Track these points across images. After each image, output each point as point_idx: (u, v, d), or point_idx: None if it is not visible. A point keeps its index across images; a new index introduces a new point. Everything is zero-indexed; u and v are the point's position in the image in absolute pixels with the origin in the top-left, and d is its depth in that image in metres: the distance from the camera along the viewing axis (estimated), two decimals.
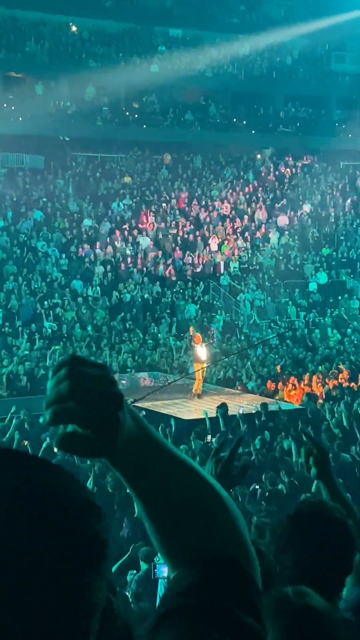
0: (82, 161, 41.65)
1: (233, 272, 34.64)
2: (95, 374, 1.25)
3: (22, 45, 42.89)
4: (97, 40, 44.83)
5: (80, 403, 1.21)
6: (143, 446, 1.29)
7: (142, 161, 42.41)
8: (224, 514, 1.32)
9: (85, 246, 33.83)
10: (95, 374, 1.25)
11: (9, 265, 31.29)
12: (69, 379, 1.23)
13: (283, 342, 29.31)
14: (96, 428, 1.21)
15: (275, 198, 41.20)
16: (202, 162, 43.26)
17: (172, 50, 45.11)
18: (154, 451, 1.31)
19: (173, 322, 30.40)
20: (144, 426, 1.31)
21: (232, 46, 45.93)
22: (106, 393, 1.24)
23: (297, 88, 46.82)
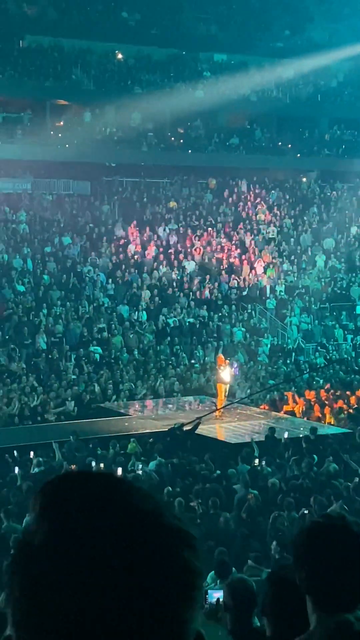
0: (127, 186, 41.97)
1: (279, 296, 34.57)
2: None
3: (69, 73, 43.46)
4: (143, 67, 45.25)
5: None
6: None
7: (188, 186, 42.60)
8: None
9: (131, 271, 34.01)
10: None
11: (56, 291, 31.56)
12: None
13: (330, 366, 29.13)
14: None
15: (321, 221, 41.11)
16: (247, 186, 43.33)
17: (216, 75, 45.38)
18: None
19: (219, 345, 30.38)
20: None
21: (277, 70, 46.08)
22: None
23: (342, 111, 46.78)
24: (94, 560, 1.01)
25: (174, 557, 1.05)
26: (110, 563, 1.01)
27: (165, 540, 1.05)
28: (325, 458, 18.02)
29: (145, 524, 1.05)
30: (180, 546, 1.06)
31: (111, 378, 26.36)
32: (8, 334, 28.99)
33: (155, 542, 1.04)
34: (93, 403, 24.59)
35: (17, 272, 32.23)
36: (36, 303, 30.55)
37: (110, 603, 0.99)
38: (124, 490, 1.08)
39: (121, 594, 1.00)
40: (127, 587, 1.01)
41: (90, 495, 1.06)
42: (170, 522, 1.08)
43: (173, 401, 25.60)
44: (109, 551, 1.01)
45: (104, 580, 1.01)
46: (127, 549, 1.02)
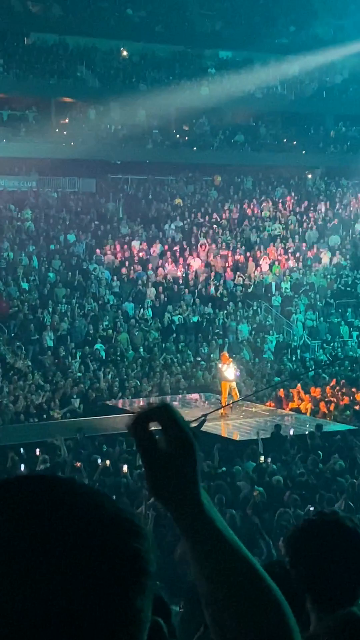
0: (133, 184, 41.99)
1: (284, 293, 34.55)
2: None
3: (74, 71, 43.47)
4: (148, 64, 45.24)
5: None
6: (220, 530, 1.35)
7: (193, 183, 42.60)
8: (280, 623, 1.32)
9: (136, 268, 34.03)
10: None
11: (62, 288, 31.58)
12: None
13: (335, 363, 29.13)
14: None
15: (327, 218, 41.07)
16: (252, 183, 43.30)
17: (222, 72, 45.33)
18: (229, 541, 1.35)
19: (225, 343, 30.39)
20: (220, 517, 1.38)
21: (282, 67, 46.02)
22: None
23: (347, 107, 46.69)
24: (36, 561, 1.01)
25: (120, 546, 1.05)
26: (53, 561, 1.01)
27: (111, 530, 1.06)
28: (330, 455, 18.02)
29: (88, 518, 1.05)
30: (127, 535, 1.07)
31: (117, 375, 26.39)
32: (14, 332, 29.04)
33: (100, 533, 1.05)
34: (99, 400, 24.61)
35: (22, 270, 32.26)
36: (42, 300, 30.58)
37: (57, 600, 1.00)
38: (64, 488, 1.08)
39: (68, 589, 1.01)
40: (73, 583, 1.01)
41: (29, 496, 1.06)
42: (115, 513, 1.08)
43: (178, 398, 25.61)
44: (52, 549, 1.02)
45: (48, 578, 1.01)
46: (71, 544, 1.03)
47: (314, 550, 2.77)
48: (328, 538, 2.78)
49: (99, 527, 1.05)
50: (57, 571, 1.01)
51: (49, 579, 1.01)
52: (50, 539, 1.02)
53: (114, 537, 1.06)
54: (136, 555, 1.07)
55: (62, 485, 1.09)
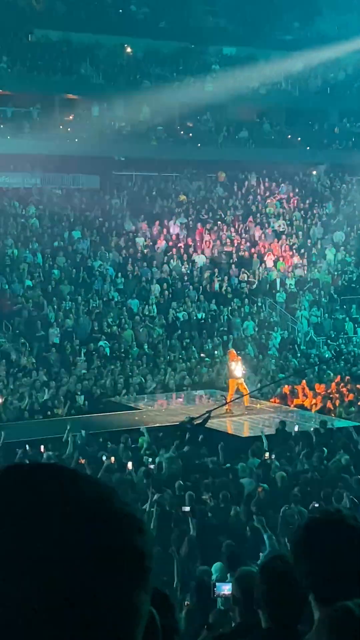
0: (137, 181, 41.96)
1: (289, 289, 34.52)
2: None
3: (77, 68, 43.44)
4: (152, 61, 45.20)
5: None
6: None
7: (197, 180, 42.57)
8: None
9: (141, 265, 34.02)
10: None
11: (66, 285, 31.59)
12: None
13: (340, 359, 29.12)
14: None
15: (331, 214, 41.03)
16: (257, 179, 43.26)
17: (226, 68, 45.27)
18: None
19: (229, 339, 30.38)
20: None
21: (286, 63, 45.94)
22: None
23: (352, 103, 46.63)
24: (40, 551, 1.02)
25: (123, 542, 1.06)
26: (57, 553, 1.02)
27: (114, 526, 1.06)
28: (335, 451, 18.00)
29: (92, 512, 1.05)
30: (129, 531, 1.07)
31: (121, 372, 26.39)
32: (18, 329, 29.06)
33: (104, 528, 1.05)
34: (103, 397, 24.62)
35: (26, 267, 32.26)
36: (46, 297, 30.58)
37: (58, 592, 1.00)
38: (69, 479, 1.08)
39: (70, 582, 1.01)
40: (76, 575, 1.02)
41: (35, 486, 1.06)
42: (118, 508, 1.08)
43: (183, 395, 25.61)
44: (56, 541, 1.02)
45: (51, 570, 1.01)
46: (74, 537, 1.03)
47: (318, 547, 2.77)
48: (332, 536, 2.78)
49: (101, 520, 1.06)
50: (57, 562, 1.01)
51: (48, 570, 1.01)
52: (51, 529, 1.03)
53: (116, 531, 1.06)
54: (137, 551, 1.07)
55: (67, 475, 1.09)
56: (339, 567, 2.73)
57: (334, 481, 15.62)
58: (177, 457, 17.66)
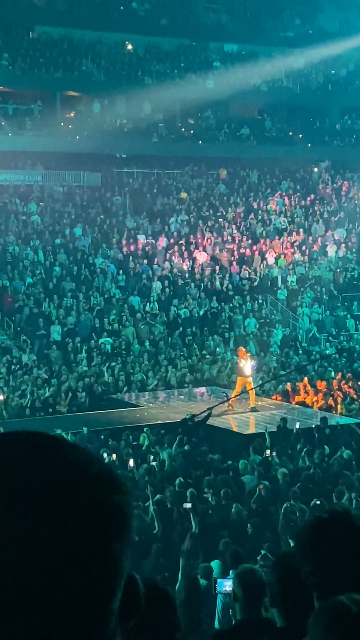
0: (138, 178, 41.95)
1: (290, 286, 34.51)
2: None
3: (79, 65, 43.42)
4: (153, 58, 45.17)
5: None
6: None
7: (198, 177, 42.55)
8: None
9: (142, 262, 34.01)
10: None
11: (68, 282, 31.58)
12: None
13: (341, 356, 29.11)
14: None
15: (333, 211, 41.00)
16: (258, 176, 43.25)
17: (227, 65, 45.26)
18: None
19: (231, 336, 30.37)
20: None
21: (287, 60, 45.94)
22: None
23: (353, 100, 46.59)
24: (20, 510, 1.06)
25: (104, 501, 1.10)
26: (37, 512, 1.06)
27: (95, 486, 1.10)
28: (337, 448, 18.00)
29: (74, 473, 1.10)
30: (110, 491, 1.11)
31: (122, 369, 26.38)
32: (19, 326, 29.06)
33: (85, 489, 1.09)
34: (104, 394, 24.61)
35: (28, 264, 32.26)
36: (47, 295, 30.57)
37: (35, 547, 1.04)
38: (51, 443, 1.13)
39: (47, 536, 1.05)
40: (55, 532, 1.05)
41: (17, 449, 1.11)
42: (100, 469, 1.13)
43: (184, 392, 25.61)
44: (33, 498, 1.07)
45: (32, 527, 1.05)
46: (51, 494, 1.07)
47: (323, 547, 2.76)
48: (338, 536, 2.77)
49: (81, 479, 1.10)
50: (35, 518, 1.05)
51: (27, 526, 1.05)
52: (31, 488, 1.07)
53: (96, 489, 1.10)
54: (117, 508, 1.11)
55: (48, 439, 1.13)
56: (343, 567, 2.72)
57: (335, 478, 15.62)
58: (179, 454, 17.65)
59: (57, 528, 1.05)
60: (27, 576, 1.04)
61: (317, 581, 2.73)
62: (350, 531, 2.77)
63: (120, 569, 1.11)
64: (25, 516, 1.05)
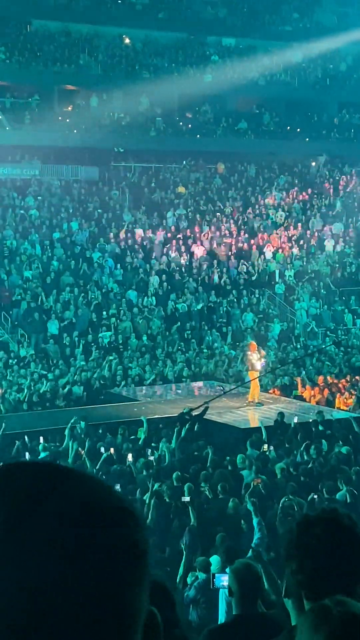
0: (136, 172, 41.89)
1: (288, 280, 34.50)
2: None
3: (76, 58, 43.34)
4: (150, 52, 45.09)
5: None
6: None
7: (196, 171, 42.49)
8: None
9: (140, 256, 33.99)
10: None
11: (65, 276, 31.55)
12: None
13: (339, 350, 29.12)
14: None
15: (330, 205, 40.99)
16: (256, 170, 43.21)
17: (225, 59, 45.20)
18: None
19: (228, 331, 30.37)
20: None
21: (285, 54, 45.88)
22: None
23: (351, 95, 46.57)
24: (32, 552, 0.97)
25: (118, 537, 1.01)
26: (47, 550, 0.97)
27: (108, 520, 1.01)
28: (334, 443, 18.00)
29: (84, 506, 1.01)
30: (125, 525, 1.03)
31: (120, 364, 26.37)
32: (17, 320, 29.04)
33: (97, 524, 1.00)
34: (102, 389, 24.60)
35: (25, 258, 32.23)
36: (45, 289, 30.55)
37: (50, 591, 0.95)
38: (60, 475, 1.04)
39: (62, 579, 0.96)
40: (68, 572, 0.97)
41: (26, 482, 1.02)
42: (111, 502, 1.04)
43: (182, 386, 25.60)
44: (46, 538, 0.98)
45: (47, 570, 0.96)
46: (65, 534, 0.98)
47: (307, 546, 2.75)
48: (322, 535, 2.76)
49: (95, 515, 1.01)
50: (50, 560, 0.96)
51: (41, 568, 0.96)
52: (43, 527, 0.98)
53: (112, 526, 1.01)
54: (134, 545, 1.03)
55: (59, 472, 1.05)
56: (329, 566, 2.71)
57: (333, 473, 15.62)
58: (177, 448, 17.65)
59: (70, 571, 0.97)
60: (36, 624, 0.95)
61: (302, 579, 2.73)
62: (336, 530, 2.75)
63: (139, 608, 1.02)
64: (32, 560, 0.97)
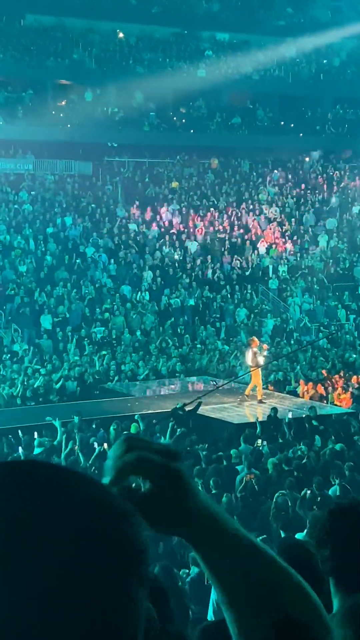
0: (129, 167, 41.85)
1: (282, 276, 34.52)
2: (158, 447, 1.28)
3: (70, 53, 43.25)
4: (144, 46, 45.01)
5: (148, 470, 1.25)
6: (220, 525, 1.30)
7: (190, 166, 42.46)
8: (305, 603, 1.29)
9: (133, 251, 33.97)
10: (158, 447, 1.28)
11: (59, 271, 31.53)
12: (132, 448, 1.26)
13: (333, 345, 29.16)
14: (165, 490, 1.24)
15: (324, 200, 41.00)
16: (249, 165, 43.19)
17: (219, 54, 45.14)
18: (233, 534, 1.31)
19: (222, 326, 30.38)
20: (219, 509, 1.33)
21: (279, 49, 45.84)
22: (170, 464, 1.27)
23: (345, 90, 46.54)
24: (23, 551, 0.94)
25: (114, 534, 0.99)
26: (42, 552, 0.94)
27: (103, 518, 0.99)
28: (327, 438, 18.04)
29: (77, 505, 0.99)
30: (121, 522, 1.00)
31: (113, 359, 26.37)
32: (10, 315, 29.01)
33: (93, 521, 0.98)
34: (95, 383, 24.60)
35: (19, 253, 32.19)
36: (38, 284, 30.52)
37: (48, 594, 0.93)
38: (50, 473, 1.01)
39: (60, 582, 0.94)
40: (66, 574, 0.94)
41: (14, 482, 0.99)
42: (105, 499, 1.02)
43: (176, 382, 25.61)
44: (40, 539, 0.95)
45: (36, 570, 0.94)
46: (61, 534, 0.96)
47: (339, 533, 2.81)
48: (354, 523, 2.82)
49: (91, 513, 0.99)
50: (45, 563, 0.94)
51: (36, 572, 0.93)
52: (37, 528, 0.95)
53: (108, 524, 0.99)
54: (131, 542, 1.00)
55: (49, 470, 1.02)
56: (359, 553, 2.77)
57: (326, 468, 15.65)
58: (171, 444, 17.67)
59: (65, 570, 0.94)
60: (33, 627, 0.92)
61: (333, 566, 2.78)
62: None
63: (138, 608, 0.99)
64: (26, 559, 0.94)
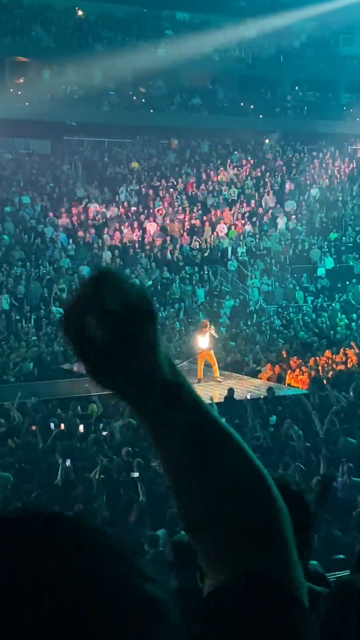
0: (88, 146, 41.58)
1: (240, 257, 34.58)
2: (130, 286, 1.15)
3: (28, 30, 42.74)
4: (104, 25, 44.63)
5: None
6: (185, 396, 1.19)
7: (149, 146, 42.31)
8: (272, 511, 1.21)
9: (92, 232, 33.81)
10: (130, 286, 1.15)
11: (16, 251, 31.29)
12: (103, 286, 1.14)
13: (290, 327, 29.31)
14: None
15: (283, 182, 41.08)
16: (209, 146, 43.13)
17: (179, 34, 44.88)
18: (199, 408, 1.21)
19: (180, 307, 30.39)
20: (183, 378, 1.21)
21: (239, 29, 45.66)
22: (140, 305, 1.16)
23: (305, 72, 46.59)
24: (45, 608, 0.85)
25: (134, 594, 0.90)
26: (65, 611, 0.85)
27: (123, 577, 0.91)
28: (284, 419, 18.14)
29: (100, 565, 0.91)
30: (139, 580, 0.92)
31: None
32: None
33: (112, 581, 0.89)
34: (53, 364, 24.49)
35: None
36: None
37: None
38: (68, 526, 0.94)
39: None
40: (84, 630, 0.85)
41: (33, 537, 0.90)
42: (126, 556, 0.94)
43: None
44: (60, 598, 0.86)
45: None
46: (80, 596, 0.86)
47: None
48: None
49: (112, 574, 0.90)
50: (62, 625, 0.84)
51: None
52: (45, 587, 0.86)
53: (128, 581, 0.91)
54: (152, 600, 0.91)
55: (66, 522, 0.94)
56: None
57: (283, 448, 15.75)
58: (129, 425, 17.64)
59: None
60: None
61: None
62: (284, 495, 2.82)
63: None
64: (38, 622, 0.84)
